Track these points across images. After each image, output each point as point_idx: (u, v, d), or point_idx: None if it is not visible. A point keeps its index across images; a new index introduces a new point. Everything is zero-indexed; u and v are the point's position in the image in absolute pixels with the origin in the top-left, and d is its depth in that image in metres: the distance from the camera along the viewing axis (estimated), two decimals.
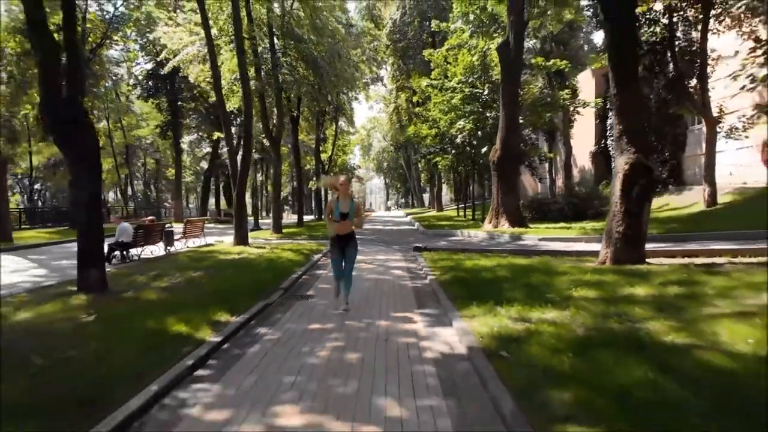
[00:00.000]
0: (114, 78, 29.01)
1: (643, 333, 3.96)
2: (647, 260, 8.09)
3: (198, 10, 15.21)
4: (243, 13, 15.92)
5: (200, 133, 35.25)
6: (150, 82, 29.00)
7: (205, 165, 45.61)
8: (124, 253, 10.83)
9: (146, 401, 2.92)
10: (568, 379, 3.02)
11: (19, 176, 37.96)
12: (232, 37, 17.04)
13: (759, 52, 5.05)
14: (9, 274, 9.29)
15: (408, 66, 33.64)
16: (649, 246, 9.60)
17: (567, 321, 4.38)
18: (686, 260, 8.30)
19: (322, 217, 29.60)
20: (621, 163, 8.15)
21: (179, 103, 29.14)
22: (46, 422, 2.66)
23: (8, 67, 15.58)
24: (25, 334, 4.42)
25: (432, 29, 23.82)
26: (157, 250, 12.15)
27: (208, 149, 38.79)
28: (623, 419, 2.47)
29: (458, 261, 8.77)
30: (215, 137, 28.83)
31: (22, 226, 25.27)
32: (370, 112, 69.69)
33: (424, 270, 8.10)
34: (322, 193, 34.59)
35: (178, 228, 14.59)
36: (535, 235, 13.47)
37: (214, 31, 15.67)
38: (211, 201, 47.27)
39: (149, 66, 28.37)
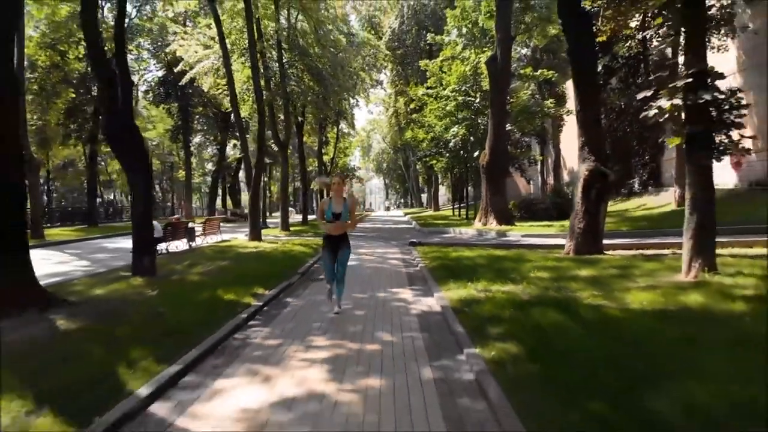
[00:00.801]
0: None
1: (570, 298, 5.45)
2: (606, 252, 9.58)
3: (210, 26, 16.74)
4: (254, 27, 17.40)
5: (206, 136, 36.72)
6: (161, 89, 30.49)
7: (209, 166, 47.17)
8: (162, 246, 12.29)
9: (224, 334, 4.41)
10: (504, 322, 4.50)
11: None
12: (243, 51, 18.56)
13: (678, 84, 6.41)
14: (57, 265, 10.77)
15: (406, 72, 35.17)
16: (615, 240, 11.15)
17: (518, 291, 5.86)
18: (638, 252, 9.79)
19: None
20: (582, 170, 9.64)
21: (189, 108, 30.60)
22: (159, 344, 4.11)
23: (40, 80, 17.03)
24: (109, 304, 5.90)
25: (428, 41, 25.27)
26: (181, 245, 13.61)
27: (213, 151, 40.27)
28: (531, 340, 3.94)
29: (446, 253, 10.25)
30: (231, 143, 30.23)
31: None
32: (369, 115, 70.78)
33: (417, 260, 9.58)
34: (325, 193, 36.07)
35: (196, 226, 16.06)
36: (518, 232, 14.97)
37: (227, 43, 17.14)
38: (217, 201, 48.72)
39: (160, 73, 29.89)
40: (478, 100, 20.97)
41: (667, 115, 6.30)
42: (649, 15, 16.99)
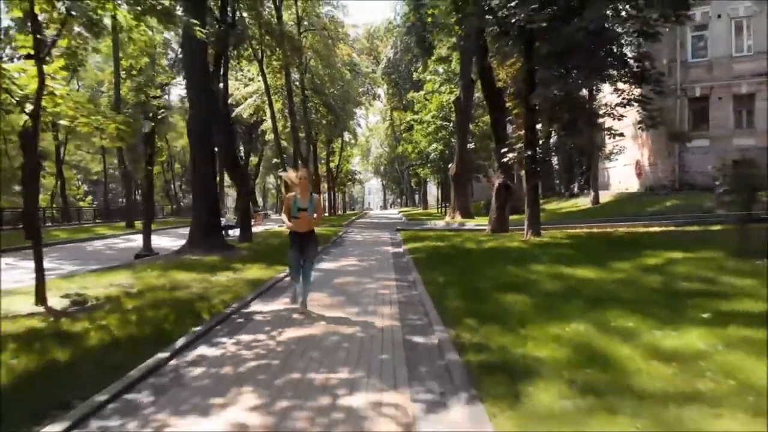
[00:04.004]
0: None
1: (460, 245, 12.01)
2: (510, 231, 16.09)
3: (249, 70, 23.26)
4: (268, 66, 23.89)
5: None
6: None
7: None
8: (229, 232, 18.80)
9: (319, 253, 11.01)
10: (426, 251, 11.07)
11: (79, 180, 45.81)
12: (276, 89, 25.08)
13: (516, 146, 12.90)
14: (175, 240, 17.22)
15: (400, 92, 41.74)
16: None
17: (441, 244, 12.43)
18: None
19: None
20: (496, 183, 16.18)
21: None
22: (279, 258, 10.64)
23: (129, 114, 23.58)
24: (251, 249, 12.42)
25: (414, 78, 31.88)
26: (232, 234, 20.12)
27: None
28: (430, 254, 10.50)
29: (417, 233, 16.82)
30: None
31: (96, 221, 33.24)
32: (370, 122, 76.69)
33: (398, 237, 16.15)
34: (328, 194, 42.66)
35: None
36: (473, 223, 21.51)
37: (262, 83, 23.66)
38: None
39: None
40: (452, 124, 27.53)
41: (513, 160, 12.89)
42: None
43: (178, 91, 42.03)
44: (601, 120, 22.58)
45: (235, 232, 19.27)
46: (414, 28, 24.12)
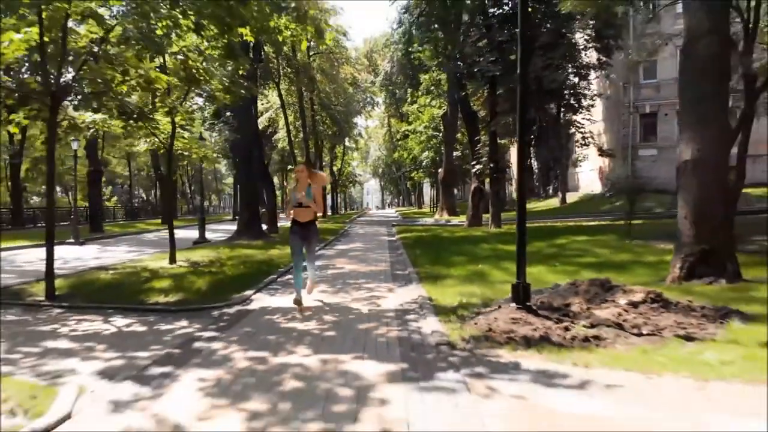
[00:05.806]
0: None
1: (438, 234, 16.03)
2: (483, 225, 20.09)
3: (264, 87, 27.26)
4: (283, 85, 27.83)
5: None
6: (216, 119, 41.15)
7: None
8: None
9: (330, 241, 15.04)
10: (413, 238, 15.10)
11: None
12: (289, 104, 29.04)
13: (482, 159, 16.90)
14: (218, 232, 21.20)
15: (397, 102, 45.76)
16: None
17: (424, 234, 16.46)
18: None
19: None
20: (473, 185, 20.18)
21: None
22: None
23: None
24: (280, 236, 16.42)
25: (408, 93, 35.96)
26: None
27: None
28: (415, 240, 14.52)
29: (408, 228, 20.84)
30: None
31: (126, 219, 37.17)
32: (369, 126, 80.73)
33: (393, 230, 20.17)
34: (331, 195, 46.72)
35: None
36: (458, 220, 25.52)
37: (277, 98, 27.61)
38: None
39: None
40: (441, 134, 31.57)
41: (480, 170, 16.91)
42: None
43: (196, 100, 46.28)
44: (572, 131, 26.82)
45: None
46: (405, 67, 28.32)
